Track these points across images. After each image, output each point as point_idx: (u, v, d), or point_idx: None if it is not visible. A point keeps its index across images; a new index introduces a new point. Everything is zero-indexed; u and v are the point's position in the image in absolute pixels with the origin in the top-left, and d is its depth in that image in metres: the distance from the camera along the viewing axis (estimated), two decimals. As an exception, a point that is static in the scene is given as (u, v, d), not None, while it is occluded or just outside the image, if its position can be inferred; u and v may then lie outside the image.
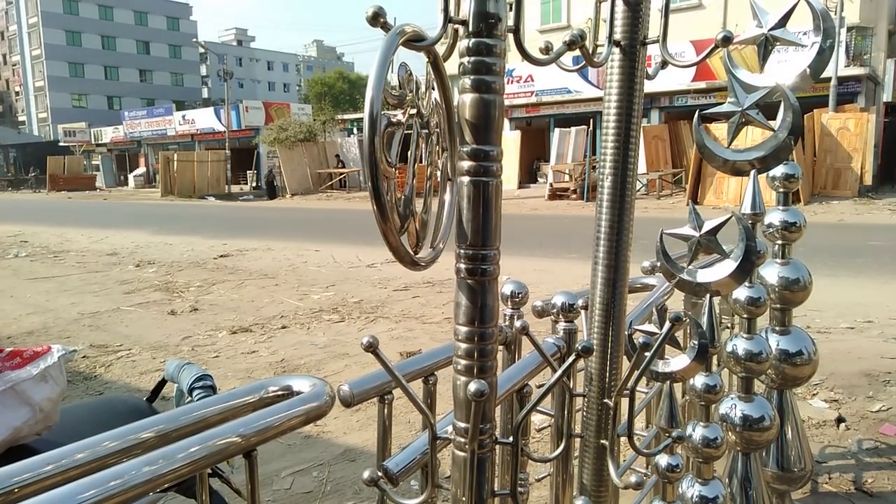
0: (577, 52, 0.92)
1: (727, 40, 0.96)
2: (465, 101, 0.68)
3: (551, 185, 19.43)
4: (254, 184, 31.93)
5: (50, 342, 1.78)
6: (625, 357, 1.17)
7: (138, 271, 8.42)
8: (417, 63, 0.72)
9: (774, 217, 1.83)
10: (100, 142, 43.18)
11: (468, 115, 0.69)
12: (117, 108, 56.93)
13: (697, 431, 1.36)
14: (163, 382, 1.77)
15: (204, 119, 35.54)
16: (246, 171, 32.57)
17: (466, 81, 0.68)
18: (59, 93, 62.57)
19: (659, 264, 1.22)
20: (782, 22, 1.17)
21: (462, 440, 0.78)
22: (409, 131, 0.73)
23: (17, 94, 69.44)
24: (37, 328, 5.54)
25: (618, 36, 1.03)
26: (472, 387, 0.71)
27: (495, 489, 0.83)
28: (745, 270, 1.16)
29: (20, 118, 68.67)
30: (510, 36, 0.72)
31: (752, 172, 1.56)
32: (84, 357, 4.61)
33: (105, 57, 65.02)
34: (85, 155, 43.55)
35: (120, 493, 0.73)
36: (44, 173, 38.81)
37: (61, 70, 62.40)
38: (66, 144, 44.03)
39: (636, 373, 1.05)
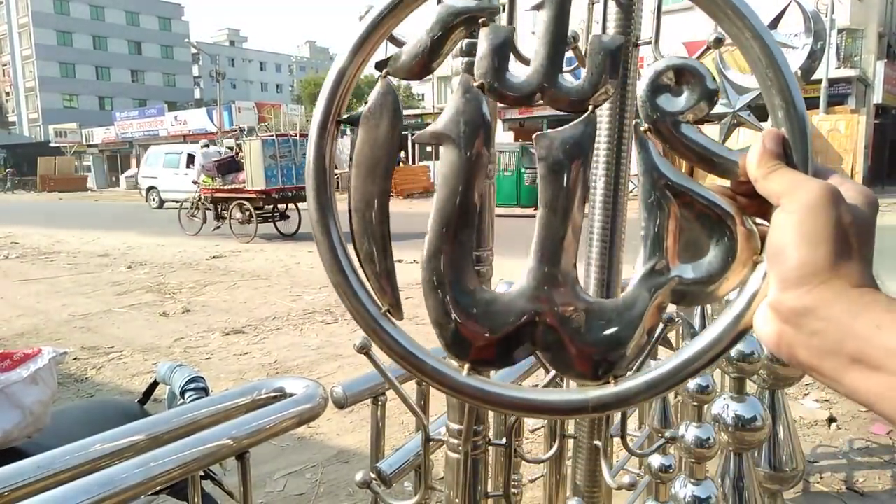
0: (570, 54, 0.92)
1: (719, 42, 0.96)
2: (458, 101, 0.68)
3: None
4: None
5: (41, 344, 1.76)
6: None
7: (130, 272, 8.37)
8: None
9: (766, 218, 1.84)
10: (91, 142, 42.96)
11: (461, 115, 0.68)
12: (109, 109, 56.67)
13: (690, 432, 1.36)
14: (155, 384, 1.76)
15: (196, 120, 35.43)
16: (238, 172, 32.48)
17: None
18: (49, 93, 62.17)
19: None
20: (773, 24, 1.17)
21: (455, 442, 0.78)
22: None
23: (7, 94, 68.93)
24: (27, 330, 5.50)
25: (610, 37, 1.03)
26: (466, 388, 0.71)
27: (488, 490, 0.83)
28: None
29: (10, 119, 68.19)
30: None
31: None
32: (75, 359, 4.57)
33: (96, 57, 64.67)
34: (76, 156, 43.29)
35: (111, 497, 0.72)
36: (30, 174, 38.51)
37: (52, 70, 62.01)
38: (57, 145, 43.78)
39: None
